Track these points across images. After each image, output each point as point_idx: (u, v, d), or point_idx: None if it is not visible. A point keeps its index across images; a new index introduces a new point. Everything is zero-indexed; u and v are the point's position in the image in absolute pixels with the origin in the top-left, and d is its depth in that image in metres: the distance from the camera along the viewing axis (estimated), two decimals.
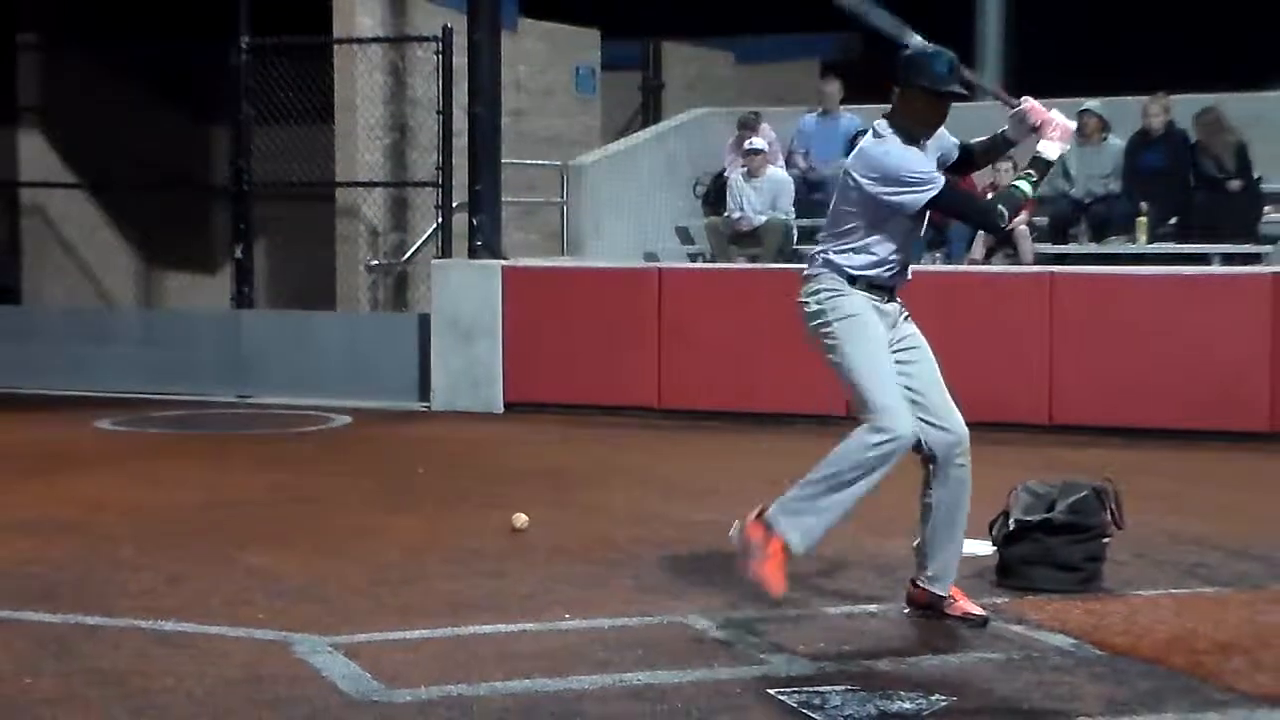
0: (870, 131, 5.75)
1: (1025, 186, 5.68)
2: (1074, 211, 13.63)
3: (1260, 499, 8.57)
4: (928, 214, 5.69)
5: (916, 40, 5.80)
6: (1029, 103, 5.78)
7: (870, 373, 5.63)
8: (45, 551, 7.02)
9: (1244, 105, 13.75)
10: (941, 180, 5.62)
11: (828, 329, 5.71)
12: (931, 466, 5.74)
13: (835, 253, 5.74)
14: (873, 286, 5.70)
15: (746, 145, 14.13)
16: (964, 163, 5.96)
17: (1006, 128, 5.87)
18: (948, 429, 5.71)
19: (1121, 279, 11.18)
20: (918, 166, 5.59)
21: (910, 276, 5.82)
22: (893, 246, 5.69)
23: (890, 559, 6.67)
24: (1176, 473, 9.38)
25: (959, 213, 6.02)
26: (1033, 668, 5.21)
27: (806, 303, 5.78)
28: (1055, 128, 5.73)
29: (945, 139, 5.85)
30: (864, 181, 5.64)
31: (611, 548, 7.10)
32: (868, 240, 5.68)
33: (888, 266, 5.71)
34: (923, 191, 5.56)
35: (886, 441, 5.55)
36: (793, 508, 5.65)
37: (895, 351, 5.73)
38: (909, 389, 5.69)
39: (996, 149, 5.97)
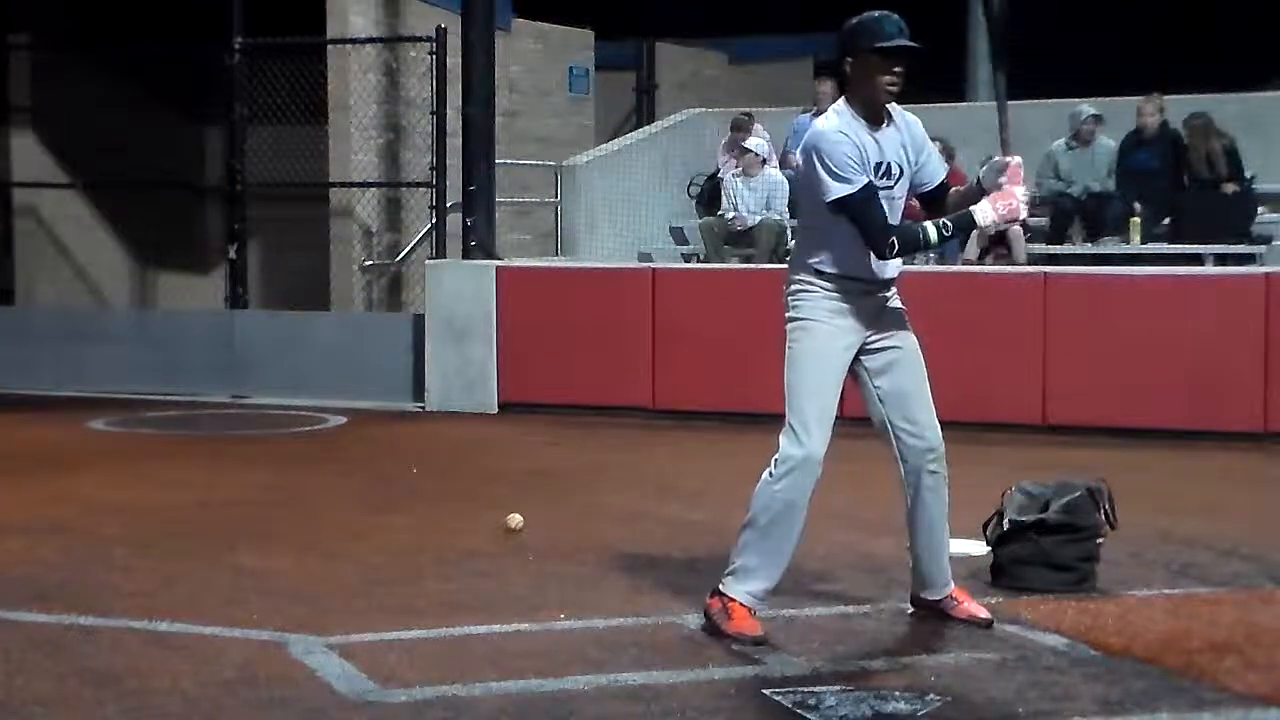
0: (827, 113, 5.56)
1: (933, 234, 5.45)
2: (1068, 212, 13.65)
3: (1253, 499, 8.59)
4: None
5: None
6: (1017, 163, 5.55)
7: (800, 382, 5.51)
8: (38, 552, 7.02)
9: (1237, 106, 13.79)
10: (859, 183, 5.39)
11: (788, 326, 5.60)
12: (904, 472, 5.66)
13: (802, 247, 5.64)
14: (844, 278, 5.52)
15: (741, 145, 14.15)
16: (936, 201, 5.71)
17: (981, 173, 5.62)
18: (920, 436, 5.61)
19: (1115, 279, 11.18)
20: (840, 158, 5.38)
21: (895, 269, 5.61)
22: (851, 236, 5.46)
23: (882, 560, 6.67)
24: (1170, 472, 9.39)
25: (859, 221, 5.46)
26: (1027, 668, 5.22)
27: (784, 299, 5.67)
28: (1010, 203, 5.47)
29: (931, 155, 5.67)
30: (800, 160, 5.56)
31: (606, 548, 7.10)
32: (830, 234, 5.49)
33: (851, 257, 5.50)
34: (834, 184, 5.37)
35: (788, 472, 5.45)
36: (736, 571, 5.58)
37: (872, 349, 5.58)
38: (883, 393, 5.58)
39: (972, 195, 5.62)
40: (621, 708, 4.78)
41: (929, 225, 5.49)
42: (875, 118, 5.50)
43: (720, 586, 5.62)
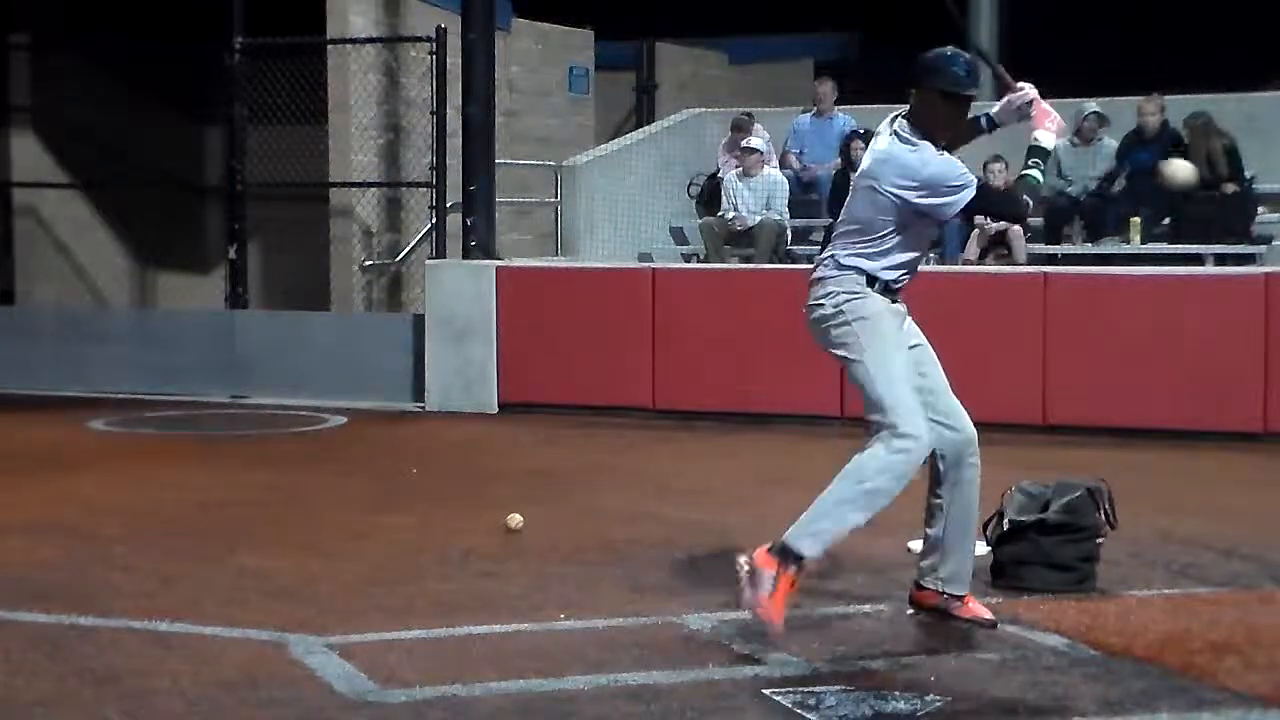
0: (887, 133, 5.65)
1: (1037, 174, 5.69)
2: (1068, 211, 13.65)
3: (1253, 499, 8.58)
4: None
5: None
6: (1031, 91, 5.76)
7: (888, 376, 5.58)
8: (38, 552, 7.02)
9: (1237, 106, 13.78)
10: (974, 182, 5.60)
11: (843, 330, 5.65)
12: (942, 468, 5.72)
13: (854, 255, 5.66)
14: (887, 289, 5.67)
15: (743, 144, 14.14)
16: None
17: (995, 110, 5.82)
18: (958, 429, 5.71)
19: (1115, 279, 11.18)
20: (956, 172, 5.56)
21: (914, 277, 5.81)
22: (913, 249, 5.69)
23: (883, 560, 6.67)
24: (1170, 473, 9.39)
25: (993, 209, 6.04)
26: (1027, 668, 5.22)
27: (819, 304, 5.70)
28: (1052, 119, 5.73)
29: None
30: (898, 188, 5.55)
31: (606, 548, 7.10)
32: (891, 244, 5.63)
33: (905, 268, 5.70)
34: (961, 195, 5.54)
35: (904, 451, 5.50)
36: (807, 525, 5.56)
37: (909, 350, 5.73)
38: (920, 389, 5.67)
39: (977, 129, 5.90)
40: (622, 708, 4.78)
41: (1030, 172, 5.69)
42: (934, 143, 5.63)
43: (784, 544, 5.52)
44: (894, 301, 5.71)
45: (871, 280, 5.65)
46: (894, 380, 5.59)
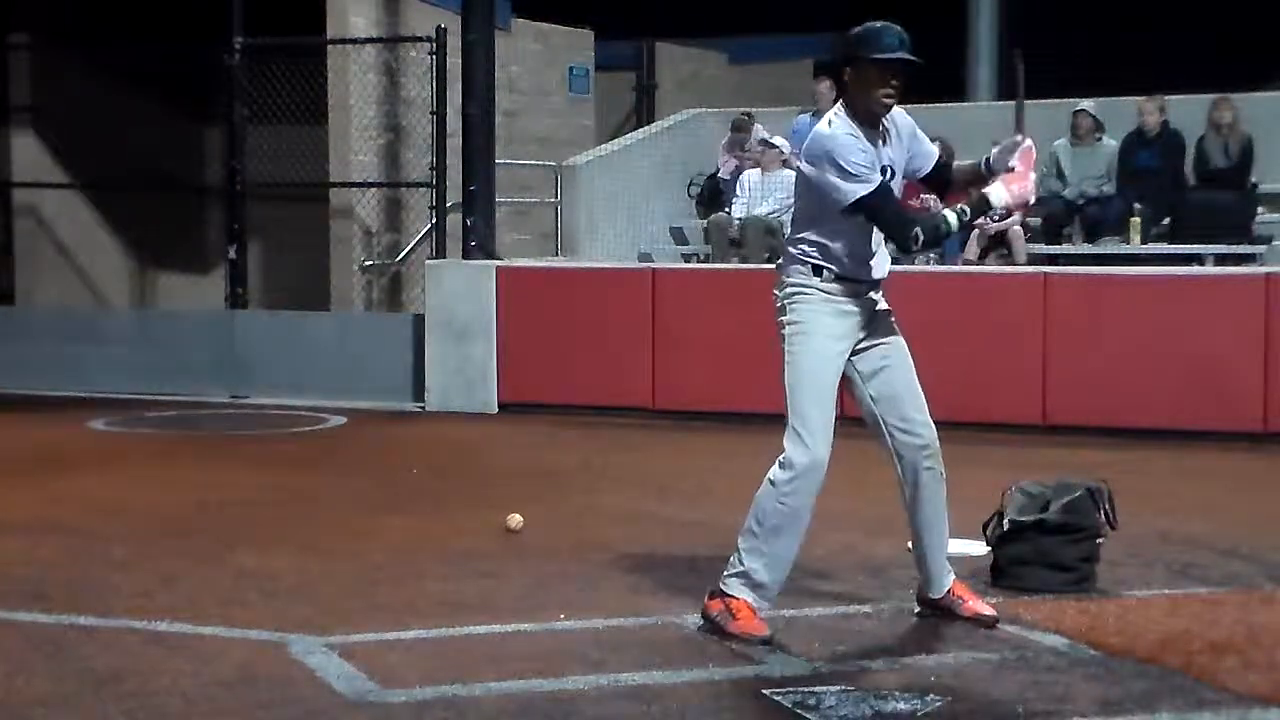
0: (825, 117, 5.58)
1: (952, 220, 5.48)
2: (1067, 212, 13.64)
3: (1253, 499, 8.58)
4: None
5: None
6: (1028, 145, 5.57)
7: (803, 385, 5.52)
8: (38, 552, 7.02)
9: (1238, 105, 13.76)
10: (875, 182, 5.42)
11: (785, 325, 5.62)
12: (900, 472, 5.68)
13: (798, 245, 5.61)
14: (840, 279, 5.54)
15: (761, 140, 14.12)
16: (938, 180, 5.78)
17: (992, 155, 5.62)
18: (915, 434, 5.62)
19: (1115, 279, 11.18)
20: (856, 159, 5.40)
21: (885, 269, 5.65)
22: (852, 234, 5.51)
23: (882, 560, 6.68)
24: (1170, 473, 9.39)
25: (879, 219, 5.52)
26: (1027, 668, 5.22)
27: (774, 296, 5.69)
28: (1025, 184, 5.53)
29: (921, 140, 5.68)
30: (805, 166, 5.54)
31: (606, 548, 7.10)
32: (826, 230, 5.51)
33: (850, 257, 5.53)
34: (854, 186, 5.37)
35: (793, 480, 5.46)
36: (740, 575, 5.56)
37: (863, 350, 5.61)
38: (876, 393, 5.60)
39: (976, 175, 5.69)
40: (622, 708, 4.78)
41: (947, 213, 5.51)
42: (872, 123, 5.52)
43: (722, 587, 5.60)
44: (854, 294, 5.56)
45: (817, 269, 5.54)
46: (809, 390, 5.51)
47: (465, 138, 12.52)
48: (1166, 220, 13.46)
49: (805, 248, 5.59)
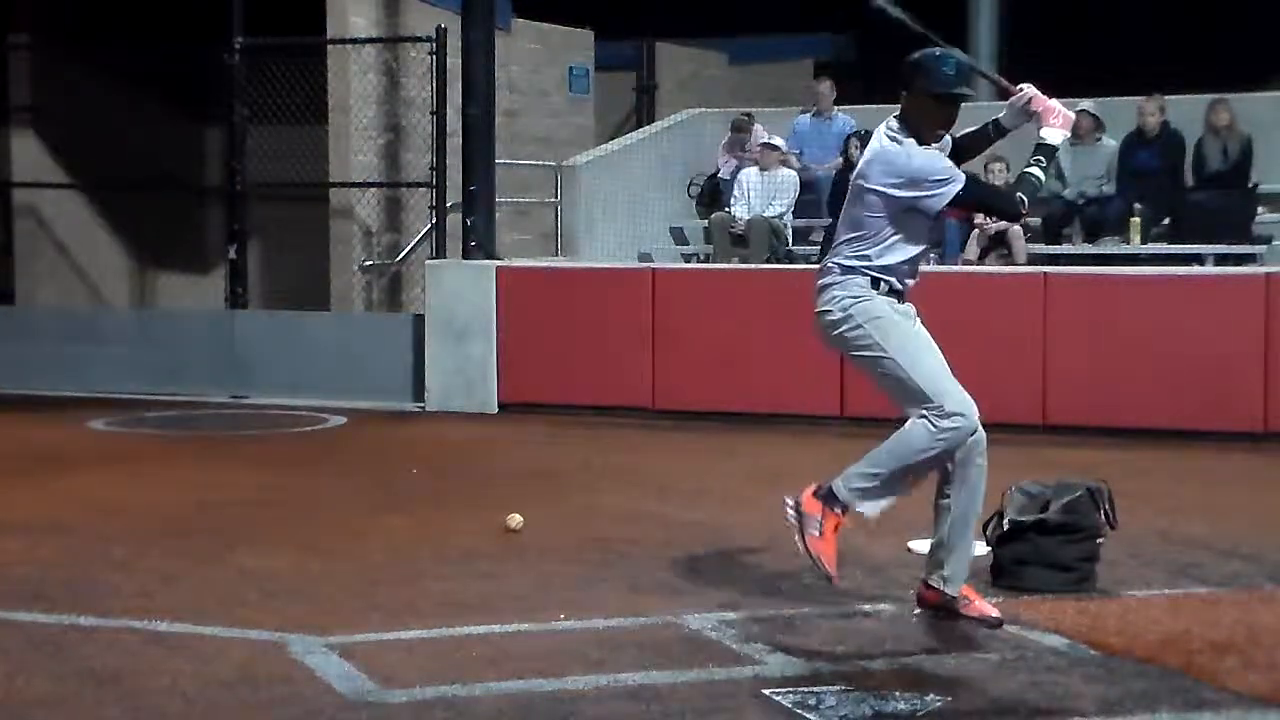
0: (881, 134, 5.74)
1: (1038, 173, 5.73)
2: (1067, 212, 13.65)
3: (1253, 499, 8.58)
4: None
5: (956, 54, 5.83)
6: (1030, 90, 5.83)
7: (920, 365, 5.65)
8: (38, 552, 7.02)
9: (1237, 106, 13.78)
10: (963, 176, 5.65)
11: (857, 333, 5.72)
12: (950, 466, 5.74)
13: (856, 258, 5.72)
14: (891, 290, 5.73)
15: (763, 140, 14.13)
16: (953, 155, 5.94)
17: (1002, 115, 5.90)
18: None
19: (1115, 279, 11.18)
20: (940, 165, 5.63)
21: (919, 278, 5.86)
22: (912, 247, 5.72)
23: (882, 559, 6.68)
24: (1170, 473, 9.39)
25: (984, 204, 6.09)
26: (1027, 668, 5.22)
27: (827, 310, 5.77)
28: (1057, 115, 5.78)
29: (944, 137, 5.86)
30: (885, 185, 5.63)
31: (606, 548, 7.10)
32: (888, 243, 5.69)
33: (906, 268, 5.75)
34: (947, 188, 5.59)
35: (952, 429, 5.59)
36: (855, 480, 5.69)
37: None
38: None
39: (985, 138, 5.99)
40: (622, 708, 4.78)
41: (1031, 170, 5.73)
42: (923, 143, 5.71)
43: (830, 492, 5.68)
44: (900, 303, 5.76)
45: (875, 282, 5.71)
46: (927, 366, 5.65)
47: (465, 138, 12.51)
48: (1166, 220, 13.47)
49: (862, 260, 5.72)
